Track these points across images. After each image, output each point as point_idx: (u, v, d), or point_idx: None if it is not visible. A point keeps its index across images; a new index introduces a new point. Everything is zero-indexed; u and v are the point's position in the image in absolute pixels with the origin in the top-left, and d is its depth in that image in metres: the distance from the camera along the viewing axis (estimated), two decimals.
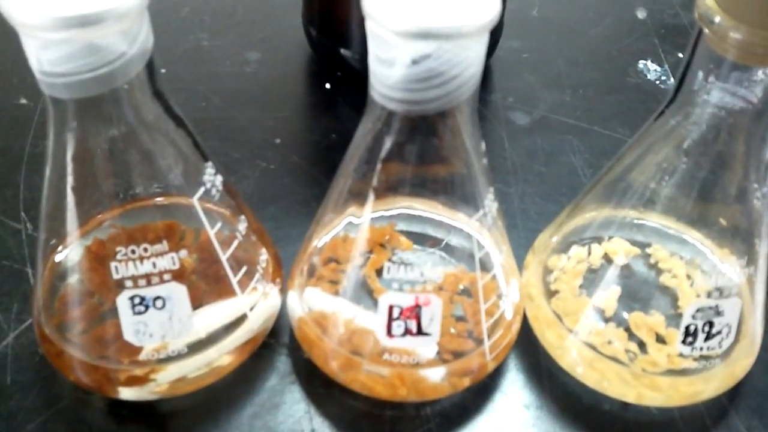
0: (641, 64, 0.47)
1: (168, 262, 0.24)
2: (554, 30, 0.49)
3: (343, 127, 0.41)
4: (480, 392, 0.29)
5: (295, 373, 0.29)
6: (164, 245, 0.24)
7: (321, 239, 0.29)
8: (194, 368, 0.27)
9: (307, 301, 0.29)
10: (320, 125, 0.41)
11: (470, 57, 0.21)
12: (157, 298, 0.24)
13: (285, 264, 0.31)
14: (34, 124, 0.39)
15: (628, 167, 0.30)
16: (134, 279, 0.24)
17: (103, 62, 0.20)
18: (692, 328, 0.26)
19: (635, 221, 0.31)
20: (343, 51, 0.42)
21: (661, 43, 0.49)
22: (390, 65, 0.21)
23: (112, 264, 0.24)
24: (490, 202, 0.26)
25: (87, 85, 0.21)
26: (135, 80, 0.22)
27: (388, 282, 0.25)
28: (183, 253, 0.24)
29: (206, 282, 0.27)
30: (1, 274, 0.32)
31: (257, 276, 0.28)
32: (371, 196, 0.26)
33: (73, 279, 0.27)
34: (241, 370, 0.28)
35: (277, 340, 0.30)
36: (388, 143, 0.24)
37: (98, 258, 0.27)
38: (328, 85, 0.43)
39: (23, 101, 0.41)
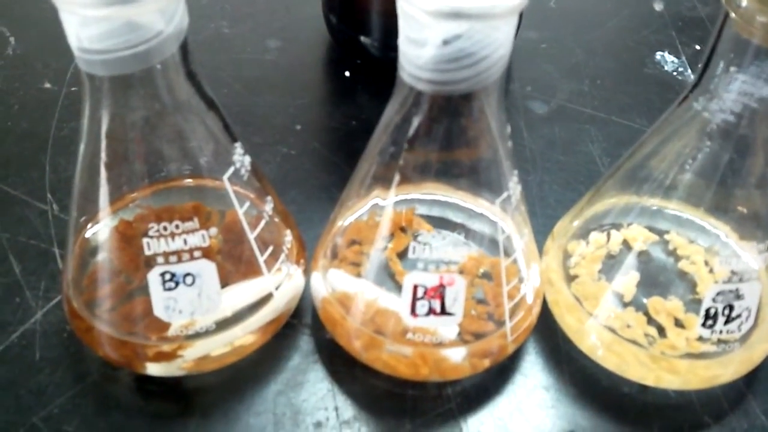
0: (658, 55, 0.47)
1: (198, 239, 0.24)
2: (572, 21, 0.50)
3: (363, 115, 0.41)
4: (500, 374, 0.29)
5: (317, 353, 0.30)
6: (195, 222, 0.24)
7: (345, 221, 0.30)
8: (220, 345, 0.27)
9: (330, 282, 0.29)
10: (340, 112, 0.41)
11: (500, 38, 0.21)
12: (187, 274, 0.25)
13: (307, 247, 0.31)
14: (58, 108, 0.40)
15: (649, 154, 0.30)
16: (165, 255, 0.24)
17: (140, 40, 0.21)
18: (712, 311, 0.26)
19: (654, 208, 0.31)
20: (363, 38, 0.42)
21: (679, 35, 0.49)
22: (421, 45, 0.21)
23: (144, 240, 0.24)
24: (514, 185, 0.26)
25: (124, 62, 0.21)
26: (170, 59, 0.22)
27: (413, 262, 0.26)
28: (213, 230, 0.25)
29: (233, 261, 0.27)
30: (28, 254, 0.32)
31: (282, 257, 0.28)
32: (396, 179, 0.26)
33: (102, 256, 0.28)
34: (264, 349, 0.29)
35: (300, 321, 0.31)
36: (415, 124, 0.24)
37: (125, 237, 0.27)
38: (347, 73, 0.44)
39: (47, 85, 0.42)
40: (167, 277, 0.24)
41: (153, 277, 0.24)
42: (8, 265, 0.32)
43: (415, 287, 0.26)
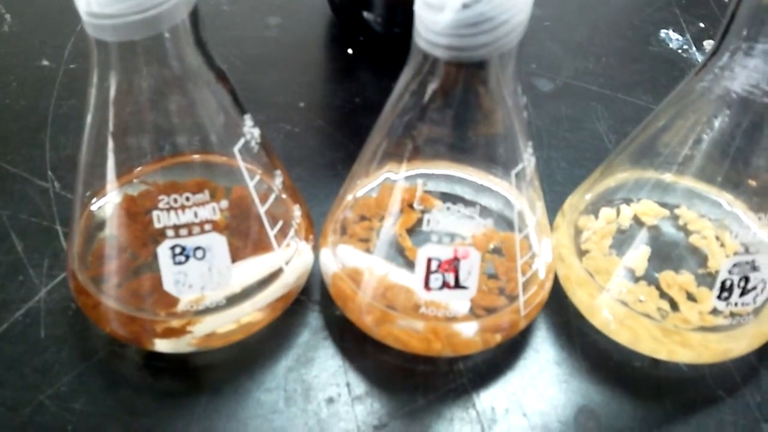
0: (663, 33, 0.47)
1: (209, 212, 0.24)
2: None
3: (366, 92, 0.41)
4: (511, 349, 0.29)
5: (327, 330, 0.29)
6: (206, 195, 0.24)
7: (354, 196, 0.29)
8: (229, 322, 0.27)
9: (341, 258, 0.29)
10: (343, 90, 0.41)
11: (519, 2, 0.21)
12: (198, 248, 0.24)
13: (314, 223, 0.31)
14: (57, 86, 0.39)
15: (661, 129, 0.29)
16: (175, 228, 0.24)
17: (150, 4, 0.20)
18: (728, 282, 0.26)
19: (664, 183, 0.31)
20: (366, 14, 0.42)
21: (683, 13, 0.49)
22: (439, 10, 0.21)
23: (155, 213, 0.24)
24: (529, 156, 0.26)
25: (133, 27, 0.20)
26: (180, 26, 0.22)
27: (424, 237, 0.25)
28: (224, 203, 0.24)
29: (242, 237, 0.27)
30: (30, 232, 0.32)
31: (291, 232, 0.28)
32: (408, 152, 0.26)
33: (107, 232, 0.27)
34: (274, 326, 0.28)
35: (309, 297, 0.30)
36: (429, 94, 0.23)
37: (131, 213, 0.27)
38: (350, 50, 0.43)
39: (45, 63, 0.41)
40: (177, 250, 0.24)
41: (163, 251, 0.24)
42: (10, 243, 0.31)
43: (429, 260, 0.25)
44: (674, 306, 0.28)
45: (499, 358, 0.29)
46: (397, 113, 0.25)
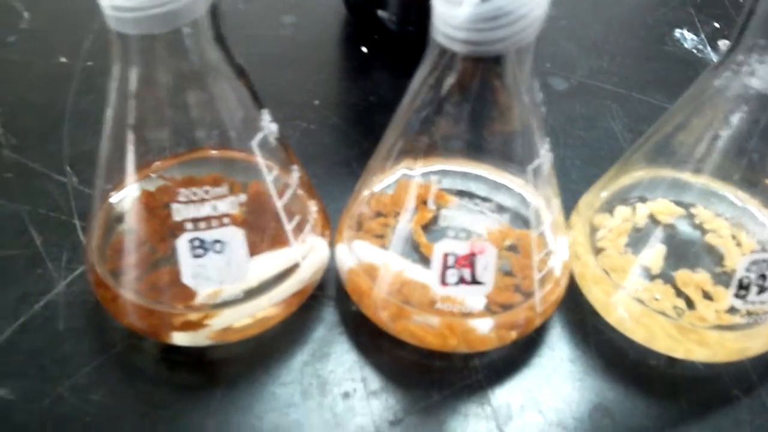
0: (677, 32, 0.47)
1: (228, 205, 0.24)
2: None
3: (381, 90, 0.41)
4: (526, 346, 0.29)
5: (342, 325, 0.29)
6: (225, 188, 0.24)
7: (370, 192, 0.30)
8: (246, 315, 0.27)
9: (356, 253, 0.29)
10: (358, 88, 0.41)
11: None
12: (216, 241, 0.24)
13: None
14: (75, 82, 0.40)
15: (677, 127, 0.29)
16: (194, 221, 0.24)
17: None
18: (746, 281, 0.26)
19: (680, 182, 0.31)
20: (380, 12, 0.42)
21: (697, 13, 0.49)
22: (457, 4, 0.21)
23: (174, 206, 0.24)
24: (546, 152, 0.26)
25: (155, 20, 0.21)
26: (200, 21, 0.22)
27: (440, 233, 0.26)
28: (243, 197, 0.24)
29: (259, 231, 0.27)
30: (49, 226, 0.32)
31: (308, 227, 0.28)
32: (425, 148, 0.26)
33: (126, 226, 0.27)
34: (289, 321, 0.28)
35: (324, 293, 0.30)
36: (447, 88, 0.24)
37: (149, 208, 0.27)
38: (364, 49, 0.43)
39: (63, 60, 0.41)
40: (196, 243, 0.24)
41: (182, 244, 0.24)
42: (29, 237, 0.32)
43: (446, 256, 0.25)
44: (690, 304, 0.28)
45: (515, 355, 0.29)
46: (413, 109, 0.25)
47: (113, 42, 0.22)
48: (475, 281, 0.26)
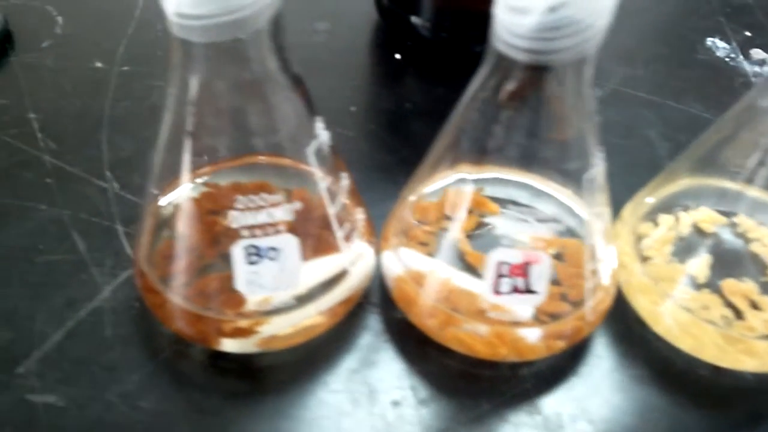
0: (709, 41, 0.47)
1: (283, 213, 0.24)
2: (620, 7, 0.49)
3: (415, 97, 0.41)
4: (573, 355, 0.29)
5: (388, 333, 0.29)
6: (280, 196, 0.24)
7: (415, 199, 0.29)
8: (295, 322, 0.27)
9: (403, 261, 0.29)
10: (393, 95, 0.41)
11: (603, 6, 0.21)
12: (272, 248, 0.24)
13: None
14: (111, 87, 0.40)
15: (723, 138, 0.29)
16: (251, 229, 0.24)
17: (238, 6, 0.20)
18: None
19: (721, 191, 0.31)
20: (413, 19, 0.42)
21: (728, 21, 0.49)
22: (524, 13, 0.21)
23: (230, 213, 0.24)
24: (600, 161, 0.26)
25: (220, 29, 0.21)
26: (263, 29, 0.22)
27: (488, 240, 0.25)
28: (298, 204, 0.24)
29: (308, 238, 0.27)
30: (92, 232, 0.32)
31: (356, 234, 0.28)
32: (476, 155, 0.26)
33: (174, 232, 0.27)
34: (334, 328, 0.28)
35: (368, 300, 0.30)
36: (504, 96, 0.23)
37: (197, 214, 0.27)
38: (398, 56, 0.43)
39: (98, 65, 0.41)
40: (251, 250, 0.24)
41: (237, 251, 0.24)
42: (72, 243, 0.32)
43: (500, 264, 0.25)
44: (738, 314, 0.28)
45: (562, 364, 0.29)
46: (468, 116, 0.25)
47: (174, 48, 0.22)
48: (528, 290, 0.25)
